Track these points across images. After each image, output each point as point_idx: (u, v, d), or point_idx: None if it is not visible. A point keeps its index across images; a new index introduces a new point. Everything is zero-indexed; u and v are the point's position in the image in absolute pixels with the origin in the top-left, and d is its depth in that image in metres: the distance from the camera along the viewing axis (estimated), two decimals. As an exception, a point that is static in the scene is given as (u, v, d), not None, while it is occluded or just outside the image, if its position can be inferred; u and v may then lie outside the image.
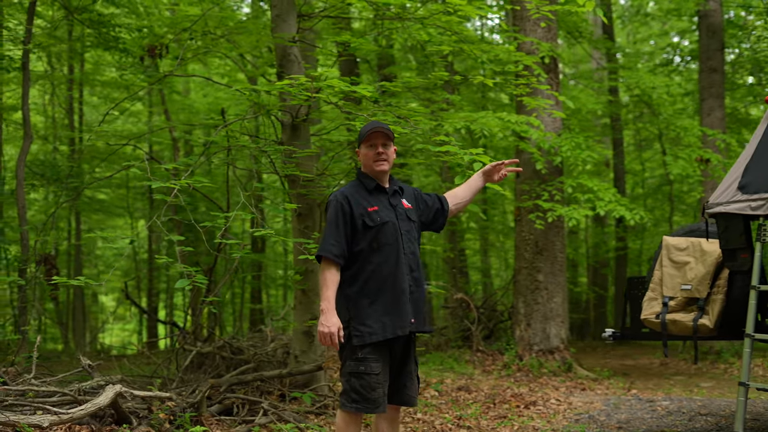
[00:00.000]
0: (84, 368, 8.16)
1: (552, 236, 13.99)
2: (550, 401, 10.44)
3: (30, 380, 7.93)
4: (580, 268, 29.02)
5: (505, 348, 14.35)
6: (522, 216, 14.11)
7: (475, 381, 12.22)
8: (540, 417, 9.27)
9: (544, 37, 13.88)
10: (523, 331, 13.98)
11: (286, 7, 8.96)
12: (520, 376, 13.07)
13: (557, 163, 13.46)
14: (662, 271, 7.88)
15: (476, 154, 7.41)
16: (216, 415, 7.91)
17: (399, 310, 5.28)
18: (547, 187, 13.67)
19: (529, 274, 14.03)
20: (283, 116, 8.78)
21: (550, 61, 13.77)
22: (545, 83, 13.68)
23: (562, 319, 13.99)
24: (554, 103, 13.79)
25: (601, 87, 17.31)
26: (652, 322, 7.73)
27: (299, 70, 8.81)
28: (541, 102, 10.73)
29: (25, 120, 12.09)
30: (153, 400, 7.74)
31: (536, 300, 13.91)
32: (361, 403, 5.19)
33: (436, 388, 10.92)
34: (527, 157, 13.68)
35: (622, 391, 11.85)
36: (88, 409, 6.87)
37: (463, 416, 8.99)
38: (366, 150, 5.45)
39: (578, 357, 18.26)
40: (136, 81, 14.66)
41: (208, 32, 9.42)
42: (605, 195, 13.12)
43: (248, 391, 8.55)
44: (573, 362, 13.77)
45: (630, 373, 14.83)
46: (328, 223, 5.30)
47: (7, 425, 6.44)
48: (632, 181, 24.75)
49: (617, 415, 9.37)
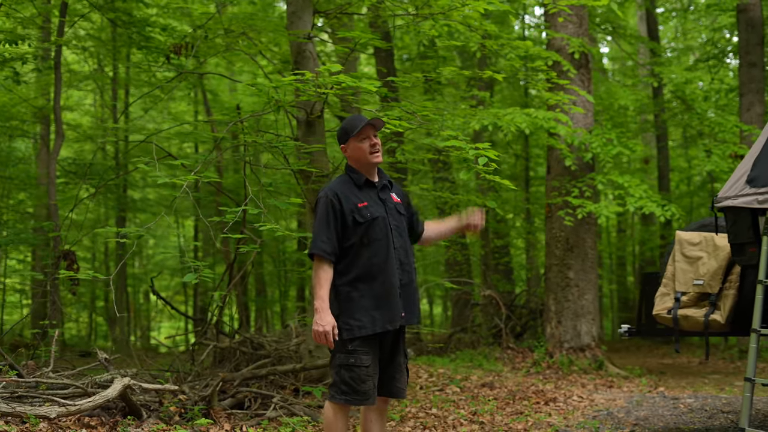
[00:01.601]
0: (101, 362, 8.29)
1: (583, 233, 13.88)
2: (572, 398, 10.38)
3: (48, 373, 8.08)
4: (628, 267, 28.77)
5: (535, 345, 14.28)
6: (552, 213, 14.03)
7: (502, 378, 12.18)
8: (558, 413, 9.22)
9: (575, 33, 13.78)
10: (554, 328, 13.89)
11: (302, 4, 9.02)
12: (549, 374, 13.01)
13: (587, 160, 13.36)
14: (675, 266, 7.80)
15: (482, 149, 7.38)
16: (228, 409, 7.99)
17: (389, 304, 5.29)
18: (578, 183, 13.57)
19: (559, 271, 13.95)
20: (297, 112, 8.84)
21: (580, 56, 13.67)
22: (576, 79, 13.62)
23: (593, 316, 13.88)
24: (584, 99, 13.71)
25: (635, 83, 17.14)
26: (664, 318, 7.65)
27: (314, 67, 8.85)
28: (563, 97, 10.65)
29: (56, 118, 12.31)
30: (165, 393, 7.85)
31: (567, 297, 13.82)
32: (351, 395, 5.22)
33: (457, 384, 10.91)
34: (557, 154, 13.60)
35: (649, 388, 11.73)
36: (96, 401, 6.98)
37: (478, 412, 8.98)
38: (358, 143, 5.42)
39: (622, 355, 18.15)
40: (160, 80, 14.81)
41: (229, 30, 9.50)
42: (636, 191, 12.99)
43: (262, 385, 8.62)
44: (604, 360, 13.65)
45: (667, 371, 14.67)
46: (319, 220, 5.30)
47: (15, 416, 6.58)
48: (677, 178, 24.45)
49: (637, 412, 9.28)
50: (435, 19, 8.93)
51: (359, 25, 17.11)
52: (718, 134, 14.60)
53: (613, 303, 29.48)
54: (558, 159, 13.75)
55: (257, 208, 7.40)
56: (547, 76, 10.42)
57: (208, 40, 10.00)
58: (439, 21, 9.05)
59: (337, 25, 12.29)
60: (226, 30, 9.72)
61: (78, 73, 21.64)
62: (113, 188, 19.71)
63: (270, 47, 10.37)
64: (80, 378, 8.14)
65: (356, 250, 5.29)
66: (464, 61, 21.11)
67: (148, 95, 15.16)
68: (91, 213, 25.27)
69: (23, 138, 22.60)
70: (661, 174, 21.81)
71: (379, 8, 9.70)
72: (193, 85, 13.57)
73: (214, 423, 7.47)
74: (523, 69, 11.09)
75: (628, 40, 19.71)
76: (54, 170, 11.51)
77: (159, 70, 13.43)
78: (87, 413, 7.08)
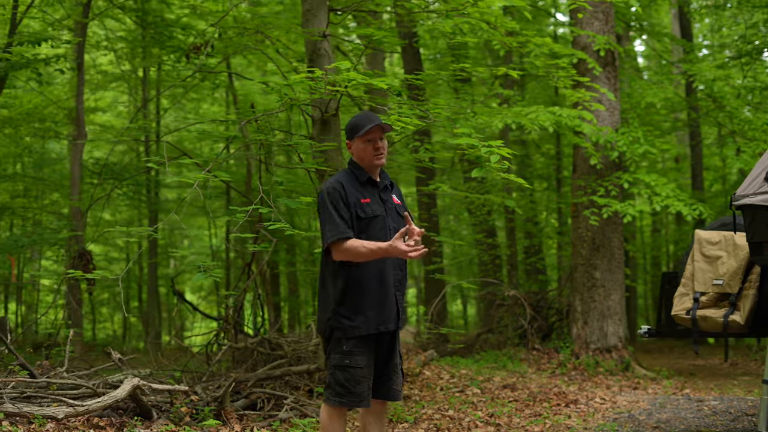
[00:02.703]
0: (114, 362, 8.29)
1: (609, 232, 13.71)
2: (594, 400, 10.23)
3: (62, 373, 8.09)
4: (663, 267, 28.44)
5: (561, 346, 14.13)
6: (578, 212, 13.87)
7: (525, 379, 12.05)
8: (577, 415, 9.09)
9: (601, 30, 13.61)
10: (580, 329, 13.73)
11: (317, 2, 8.96)
12: (575, 375, 12.86)
13: (614, 158, 13.19)
14: (694, 266, 7.65)
15: (495, 147, 7.26)
16: (240, 410, 7.95)
17: (384, 306, 5.22)
18: (604, 182, 13.41)
19: (585, 271, 13.78)
20: (312, 111, 8.79)
21: (605, 54, 13.50)
22: (602, 77, 13.45)
23: (620, 317, 13.70)
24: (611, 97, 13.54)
25: (661, 80, 16.90)
26: (682, 319, 7.50)
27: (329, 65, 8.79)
28: (584, 94, 10.51)
29: (79, 119, 12.36)
30: (177, 393, 7.83)
31: (593, 297, 13.65)
32: (346, 397, 5.15)
33: (476, 386, 10.80)
34: (583, 152, 13.45)
35: (674, 390, 11.55)
36: (104, 402, 6.97)
37: (495, 414, 8.87)
38: (363, 144, 5.34)
39: (655, 356, 17.91)
40: (175, 80, 14.86)
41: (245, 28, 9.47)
42: (662, 190, 12.80)
43: (276, 386, 8.57)
44: (631, 361, 13.46)
45: (697, 372, 14.45)
46: (327, 210, 5.18)
47: (22, 416, 6.58)
48: (712, 177, 24.09)
49: (659, 414, 9.13)
50: (450, 16, 8.83)
51: (389, 24, 17.05)
52: (747, 132, 14.36)
53: (647, 303, 29.14)
54: (584, 158, 13.59)
55: (268, 207, 7.35)
56: (566, 74, 10.26)
57: (223, 39, 9.97)
58: (454, 18, 8.93)
59: (365, 24, 12.22)
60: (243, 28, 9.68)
61: (109, 75, 21.78)
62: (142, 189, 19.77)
63: (289, 45, 10.33)
64: (94, 378, 8.14)
65: None
66: (494, 60, 20.99)
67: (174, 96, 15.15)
68: (122, 214, 25.47)
69: (57, 139, 22.77)
70: (695, 173, 21.50)
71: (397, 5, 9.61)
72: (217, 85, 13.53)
73: (224, 424, 7.43)
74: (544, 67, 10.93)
75: (656, 38, 19.47)
76: (77, 171, 11.53)
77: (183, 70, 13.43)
78: (96, 414, 7.07)
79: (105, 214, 26.42)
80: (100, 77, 22.05)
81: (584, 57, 12.71)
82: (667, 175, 21.61)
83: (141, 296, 28.36)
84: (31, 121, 21.28)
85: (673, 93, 16.39)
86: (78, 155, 11.76)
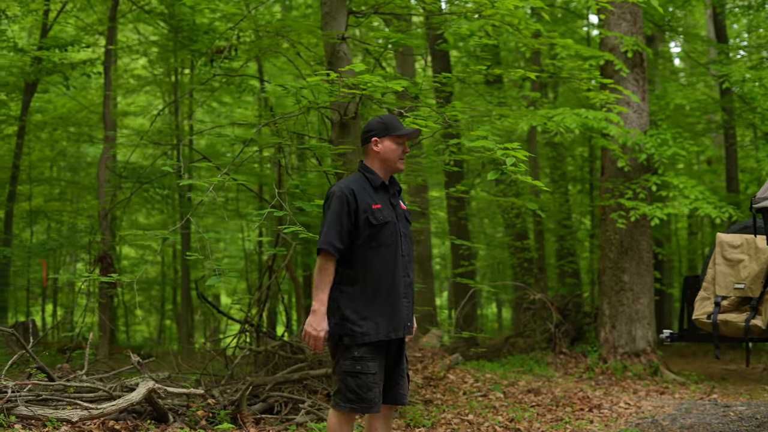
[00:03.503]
0: (134, 365, 8.31)
1: (638, 235, 13.56)
2: (618, 405, 10.12)
3: (81, 376, 8.12)
4: (698, 271, 28.10)
5: (588, 350, 14.00)
6: (606, 215, 13.74)
7: (551, 384, 11.95)
8: (600, 420, 8.99)
9: (629, 31, 13.48)
10: (608, 333, 13.60)
11: (336, 5, 8.95)
12: (602, 380, 12.74)
13: (642, 160, 13.05)
14: (715, 270, 7.54)
15: (512, 149, 7.20)
16: (257, 414, 7.95)
17: (394, 312, 5.19)
18: (632, 185, 13.27)
19: (613, 274, 13.65)
20: (332, 114, 8.78)
21: (633, 55, 13.37)
22: (630, 78, 13.33)
23: (648, 321, 13.54)
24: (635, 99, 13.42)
25: (691, 82, 16.72)
26: (703, 323, 7.41)
27: (349, 68, 8.78)
28: (608, 96, 10.41)
29: (105, 123, 12.46)
30: (195, 397, 7.83)
31: (621, 301, 13.51)
32: (357, 404, 5.11)
33: (497, 390, 10.72)
34: (611, 155, 13.33)
35: (701, 395, 11.39)
36: (119, 405, 6.99)
37: (515, 418, 8.79)
38: (394, 145, 5.31)
39: (688, 360, 17.68)
40: (195, 84, 14.92)
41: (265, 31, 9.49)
42: (691, 192, 12.65)
43: (294, 390, 8.55)
44: (660, 365, 13.31)
45: (729, 377, 14.25)
46: (331, 215, 5.14)
47: (37, 419, 6.61)
48: (747, 179, 23.76)
49: (684, 419, 9.01)
50: (468, 18, 8.79)
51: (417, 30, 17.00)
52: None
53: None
54: (611, 160, 13.47)
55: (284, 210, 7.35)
56: (590, 75, 10.17)
57: (241, 41, 10.00)
58: (472, 20, 8.89)
59: (393, 26, 12.20)
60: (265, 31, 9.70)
61: (142, 79, 21.94)
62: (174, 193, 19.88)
63: (311, 48, 10.34)
64: (113, 382, 8.16)
65: (364, 253, 5.16)
66: (527, 63, 20.89)
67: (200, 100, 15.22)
68: (155, 217, 25.62)
69: (91, 143, 22.98)
70: (730, 175, 21.22)
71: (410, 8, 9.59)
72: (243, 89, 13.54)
73: (240, 428, 7.43)
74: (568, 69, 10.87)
75: (687, 39, 19.28)
76: (103, 174, 11.61)
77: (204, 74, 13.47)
78: (112, 417, 7.09)
79: (139, 217, 26.71)
80: (133, 81, 22.22)
81: (611, 58, 12.61)
82: (703, 178, 21.40)
83: (176, 299, 28.51)
84: (65, 125, 21.53)
85: (704, 94, 16.18)
86: (104, 159, 11.84)
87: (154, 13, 13.10)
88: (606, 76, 13.40)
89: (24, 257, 16.26)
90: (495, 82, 18.28)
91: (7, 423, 6.32)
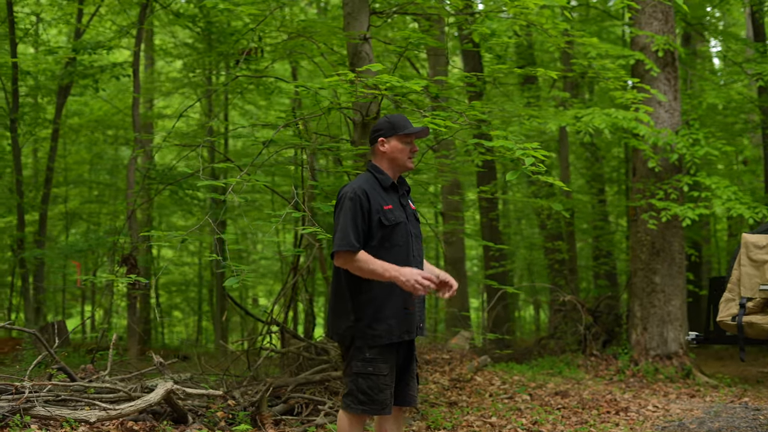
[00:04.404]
0: (156, 366, 8.34)
1: (669, 236, 13.40)
2: (646, 408, 10.00)
3: (104, 377, 8.17)
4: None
5: (619, 353, 13.85)
6: (637, 216, 13.59)
7: (580, 386, 11.83)
8: (626, 423, 8.88)
9: (660, 30, 13.32)
10: (639, 335, 13.44)
11: (358, 5, 8.93)
12: (633, 382, 12.60)
13: (673, 161, 12.89)
14: (740, 271, 7.41)
15: (531, 149, 7.13)
16: (277, 415, 7.94)
17: (406, 313, 5.14)
18: (663, 185, 13.12)
19: (645, 276, 13.49)
20: (354, 114, 8.76)
21: (664, 54, 13.22)
22: (661, 78, 13.19)
23: (680, 323, 13.37)
24: (670, 99, 13.27)
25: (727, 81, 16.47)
26: (728, 325, 7.29)
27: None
28: (635, 96, 10.29)
29: (135, 125, 12.53)
30: (215, 398, 7.84)
31: (653, 303, 13.36)
32: (368, 405, 5.07)
33: (522, 392, 10.64)
34: (642, 155, 13.19)
35: (732, 398, 11.22)
36: (137, 406, 7.01)
37: (539, 421, 8.71)
38: (401, 144, 5.26)
39: (725, 363, 17.44)
40: (227, 86, 14.96)
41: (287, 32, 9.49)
42: (724, 193, 12.46)
43: (316, 391, 8.53)
44: (693, 368, 13.13)
45: (764, 380, 14.03)
46: (345, 216, 5.06)
47: (55, 420, 6.65)
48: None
49: (712, 423, 8.88)
50: (490, 17, 8.73)
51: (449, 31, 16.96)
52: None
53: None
54: (643, 160, 13.32)
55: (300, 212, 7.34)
56: (614, 75, 10.06)
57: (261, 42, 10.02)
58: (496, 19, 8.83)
59: (427, 26, 12.16)
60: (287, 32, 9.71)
61: (176, 81, 22.08)
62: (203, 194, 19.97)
63: (336, 49, 10.33)
64: (134, 383, 8.20)
65: (376, 255, 5.10)
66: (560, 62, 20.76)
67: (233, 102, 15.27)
68: (191, 219, 25.76)
69: (128, 146, 23.19)
70: (767, 175, 20.95)
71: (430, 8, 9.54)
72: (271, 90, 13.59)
73: (259, 429, 7.43)
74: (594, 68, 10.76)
75: (720, 37, 19.03)
76: (131, 176, 11.69)
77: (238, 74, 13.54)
78: (131, 418, 7.12)
79: (178, 220, 26.87)
80: (168, 84, 22.39)
81: (642, 57, 12.49)
82: (741, 178, 21.07)
83: (212, 300, 28.66)
84: (101, 128, 21.77)
85: (739, 94, 15.94)
86: (133, 160, 11.93)
87: (183, 15, 13.15)
88: (637, 76, 13.28)
89: (60, 258, 16.41)
90: (526, 82, 18.21)
91: (22, 423, 6.36)
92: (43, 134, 19.01)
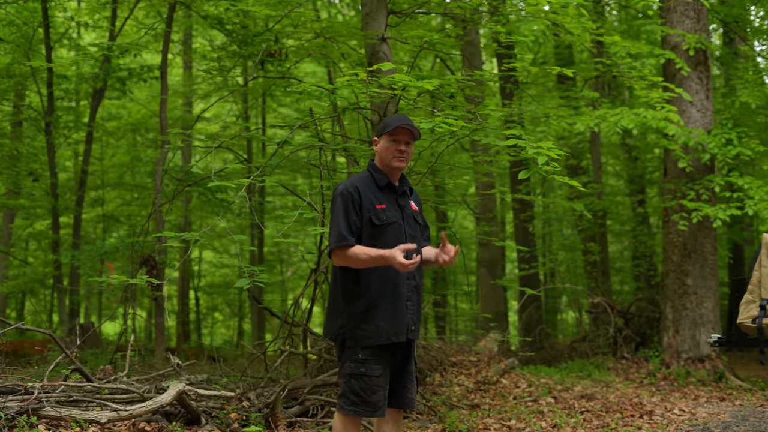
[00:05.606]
0: (173, 367, 8.36)
1: (702, 238, 13.19)
2: (672, 411, 9.83)
3: (122, 378, 8.19)
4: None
5: (651, 355, 13.66)
6: (668, 217, 13.40)
7: (608, 389, 11.69)
8: (649, 427, 8.75)
9: (692, 29, 13.13)
10: (671, 337, 13.25)
11: (376, 5, 8.90)
12: (663, 385, 12.41)
13: (705, 161, 12.68)
14: (761, 272, 7.25)
15: (547, 148, 7.05)
16: (293, 417, 7.91)
17: (396, 316, 5.09)
18: (694, 186, 12.91)
19: (677, 277, 13.29)
20: (371, 114, 8.73)
21: (696, 53, 13.02)
22: (693, 77, 13.01)
23: (713, 325, 13.15)
24: (702, 98, 13.09)
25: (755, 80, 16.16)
26: (748, 327, 7.13)
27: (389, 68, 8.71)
28: (657, 95, 10.15)
29: (162, 127, 12.58)
30: (231, 399, 7.83)
31: (684, 305, 13.15)
32: (361, 406, 5.03)
33: (545, 395, 10.51)
34: (673, 155, 13.00)
35: (763, 402, 11.01)
36: (149, 407, 7.01)
37: (558, 425, 8.59)
38: (387, 144, 5.23)
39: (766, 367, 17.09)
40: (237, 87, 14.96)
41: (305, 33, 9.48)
42: (756, 193, 12.23)
43: (332, 393, 8.49)
44: (725, 371, 12.90)
45: (803, 384, 13.77)
46: (338, 213, 5.08)
47: (65, 420, 6.67)
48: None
49: (737, 427, 8.72)
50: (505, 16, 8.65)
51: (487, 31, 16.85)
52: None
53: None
54: (674, 161, 13.13)
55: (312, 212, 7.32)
56: (638, 74, 9.92)
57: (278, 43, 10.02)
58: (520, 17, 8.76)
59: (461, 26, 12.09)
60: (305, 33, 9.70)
61: (213, 84, 22.16)
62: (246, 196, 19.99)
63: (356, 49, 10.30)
64: (151, 383, 8.21)
65: None
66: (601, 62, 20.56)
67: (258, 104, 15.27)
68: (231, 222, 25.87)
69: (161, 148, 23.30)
70: (803, 175, 20.59)
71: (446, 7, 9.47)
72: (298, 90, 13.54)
73: (271, 430, 7.41)
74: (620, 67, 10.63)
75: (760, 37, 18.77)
76: (159, 179, 11.74)
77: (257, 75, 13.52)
78: (143, 418, 7.13)
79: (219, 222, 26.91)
80: (205, 87, 22.47)
81: (672, 56, 12.32)
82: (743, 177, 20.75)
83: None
84: (141, 130, 21.94)
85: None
86: (161, 162, 11.98)
87: (210, 17, 13.18)
88: (668, 75, 13.11)
89: (94, 260, 16.54)
90: (561, 82, 18.03)
91: (29, 424, 6.39)
92: (76, 137, 19.18)
